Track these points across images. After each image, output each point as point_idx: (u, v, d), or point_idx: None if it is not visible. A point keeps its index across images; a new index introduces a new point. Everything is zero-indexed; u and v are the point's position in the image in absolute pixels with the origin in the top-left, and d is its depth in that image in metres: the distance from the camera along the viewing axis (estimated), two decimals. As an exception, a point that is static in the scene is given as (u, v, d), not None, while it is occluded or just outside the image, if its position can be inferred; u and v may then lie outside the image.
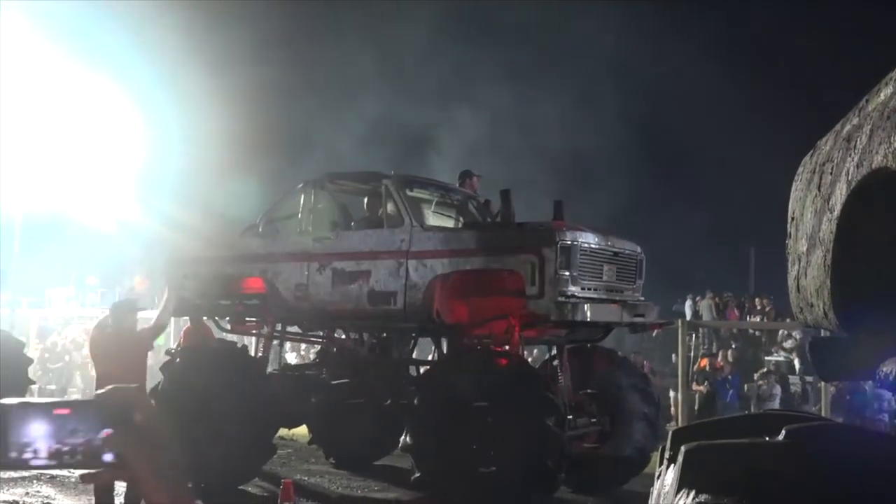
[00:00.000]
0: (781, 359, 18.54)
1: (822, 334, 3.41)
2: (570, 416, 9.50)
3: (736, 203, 27.04)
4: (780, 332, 18.94)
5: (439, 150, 18.51)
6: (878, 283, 2.85)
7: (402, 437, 9.76)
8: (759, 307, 21.29)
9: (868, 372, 3.05)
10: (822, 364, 3.30)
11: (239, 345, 11.34)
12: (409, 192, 10.23)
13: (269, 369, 11.46)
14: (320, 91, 24.71)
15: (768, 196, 7.81)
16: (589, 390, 10.36)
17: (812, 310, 3.24)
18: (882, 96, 2.67)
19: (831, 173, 3.03)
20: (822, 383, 12.82)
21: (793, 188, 3.65)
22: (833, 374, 3.29)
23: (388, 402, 10.11)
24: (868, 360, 2.92)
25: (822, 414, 11.49)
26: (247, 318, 11.36)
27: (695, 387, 15.50)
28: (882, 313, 2.86)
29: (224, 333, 11.97)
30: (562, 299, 8.89)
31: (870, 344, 2.89)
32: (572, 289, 8.99)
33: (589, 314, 8.95)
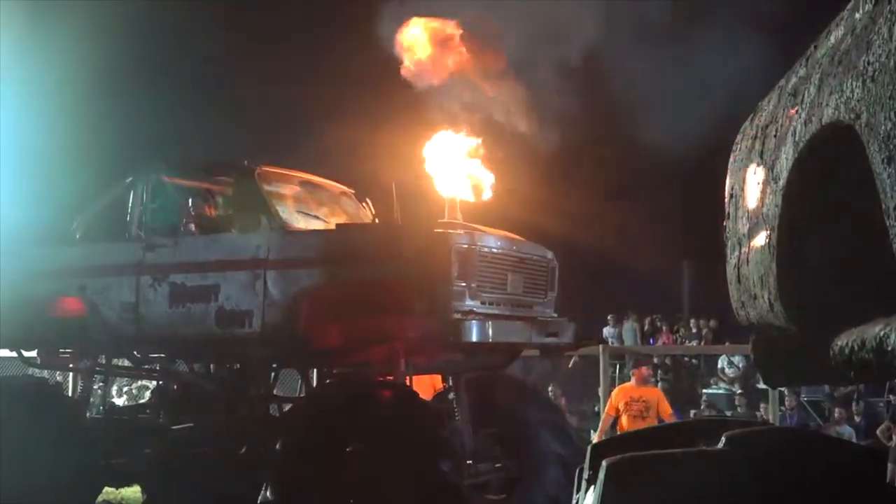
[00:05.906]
0: (721, 391, 19.01)
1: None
2: (470, 461, 9.53)
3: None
4: (721, 359, 19.42)
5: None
6: (832, 265, 2.93)
7: (262, 492, 9.63)
8: (695, 331, 21.76)
9: (821, 376, 3.11)
10: (768, 367, 3.38)
11: (51, 382, 11.05)
12: (267, 187, 10.11)
13: (91, 413, 11.22)
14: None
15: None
16: (492, 429, 10.41)
17: (755, 303, 3.30)
18: (832, 39, 2.75)
19: (776, 136, 3.10)
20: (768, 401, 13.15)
21: (731, 161, 3.74)
22: (781, 378, 3.38)
23: (244, 449, 9.98)
24: (821, 361, 2.96)
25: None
26: (61, 349, 11.06)
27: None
28: (836, 302, 2.93)
29: (33, 369, 11.66)
30: (457, 316, 8.92)
31: (823, 341, 2.94)
32: (470, 303, 9.04)
33: (491, 334, 9.01)
